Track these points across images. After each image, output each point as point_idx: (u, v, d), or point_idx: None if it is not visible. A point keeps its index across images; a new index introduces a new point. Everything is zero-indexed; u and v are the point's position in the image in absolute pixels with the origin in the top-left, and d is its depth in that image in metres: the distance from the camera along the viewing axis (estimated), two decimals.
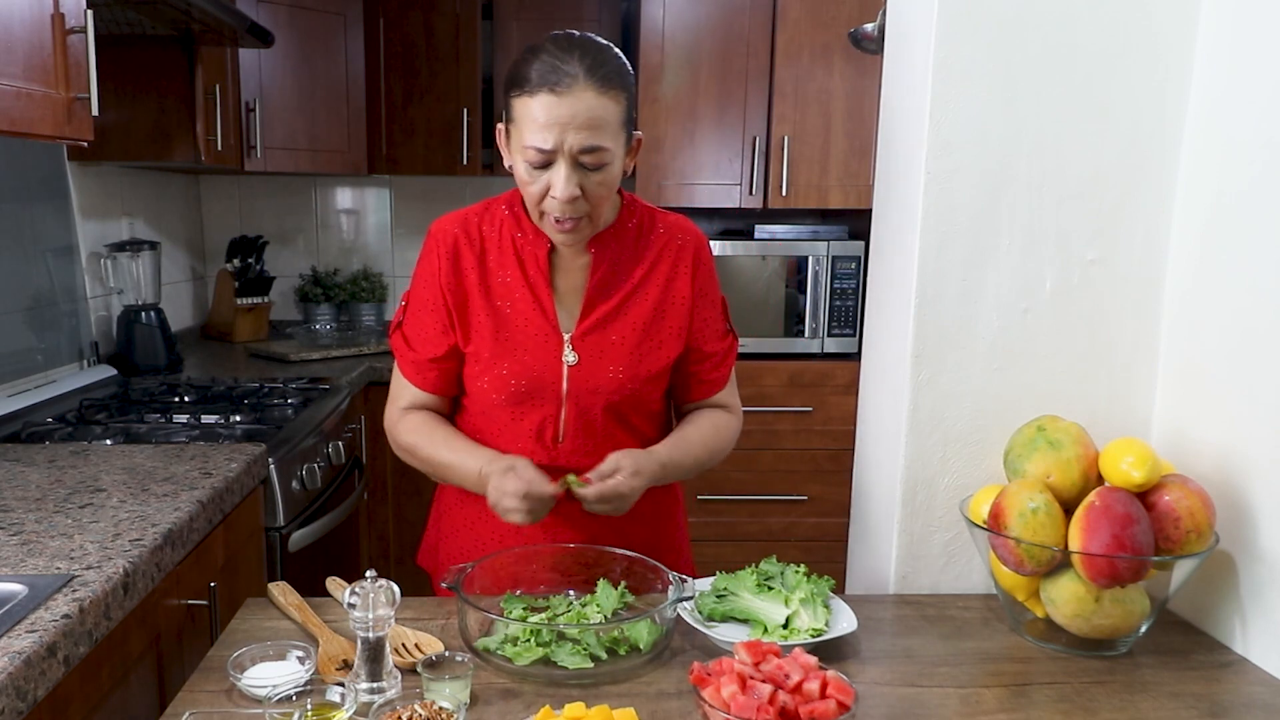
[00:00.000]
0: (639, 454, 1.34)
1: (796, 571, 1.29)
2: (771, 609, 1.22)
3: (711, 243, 1.95)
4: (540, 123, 1.22)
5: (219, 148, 2.65)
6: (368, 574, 1.05)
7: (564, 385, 1.38)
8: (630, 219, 1.42)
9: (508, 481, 1.27)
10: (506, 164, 1.34)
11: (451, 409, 1.49)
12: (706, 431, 1.47)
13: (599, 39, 1.30)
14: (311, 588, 1.35)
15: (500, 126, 1.33)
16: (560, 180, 1.24)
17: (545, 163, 1.24)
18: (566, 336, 1.38)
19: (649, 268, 1.41)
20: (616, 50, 1.30)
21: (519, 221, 1.39)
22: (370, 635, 1.03)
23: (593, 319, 1.38)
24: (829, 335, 3.20)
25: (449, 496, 1.52)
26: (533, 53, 1.26)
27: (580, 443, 1.39)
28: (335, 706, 0.97)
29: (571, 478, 1.30)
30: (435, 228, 1.41)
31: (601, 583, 1.26)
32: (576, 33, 1.30)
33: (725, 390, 1.51)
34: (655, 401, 1.46)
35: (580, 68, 1.22)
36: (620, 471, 1.30)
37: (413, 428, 1.43)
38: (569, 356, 1.37)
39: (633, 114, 1.31)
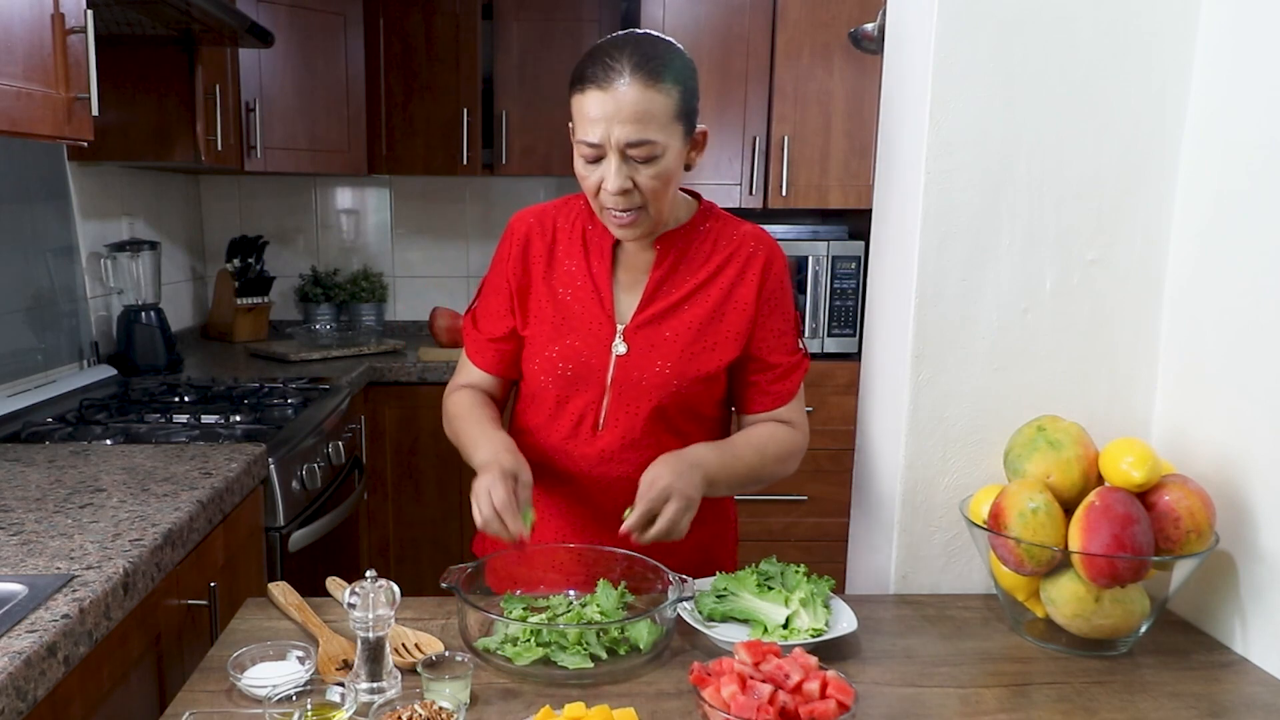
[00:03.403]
0: (670, 458, 1.29)
1: (796, 571, 1.29)
2: (771, 609, 1.22)
3: None
4: (589, 118, 1.27)
5: (219, 148, 2.65)
6: (368, 574, 1.05)
7: (609, 374, 1.38)
8: (704, 222, 1.43)
9: (500, 486, 1.23)
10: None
11: (510, 395, 1.53)
12: (758, 437, 1.42)
13: (660, 35, 1.33)
14: (311, 588, 1.35)
15: (571, 125, 1.36)
16: (610, 173, 1.27)
17: (596, 157, 1.28)
18: (620, 327, 1.39)
19: (715, 270, 1.41)
20: (677, 47, 1.33)
21: (592, 214, 1.41)
22: (370, 635, 1.03)
23: (649, 313, 1.39)
24: (829, 335, 3.20)
25: None
26: (591, 52, 1.30)
27: (619, 436, 1.38)
28: (335, 706, 0.97)
29: (628, 512, 1.25)
30: (514, 219, 1.47)
31: (601, 583, 1.26)
32: (639, 30, 1.34)
33: (788, 407, 1.45)
34: (707, 407, 1.43)
35: (628, 64, 1.25)
36: (655, 484, 1.24)
37: (458, 400, 1.47)
38: (619, 347, 1.38)
39: (692, 106, 1.33)
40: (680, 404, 1.39)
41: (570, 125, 1.35)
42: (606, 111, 1.25)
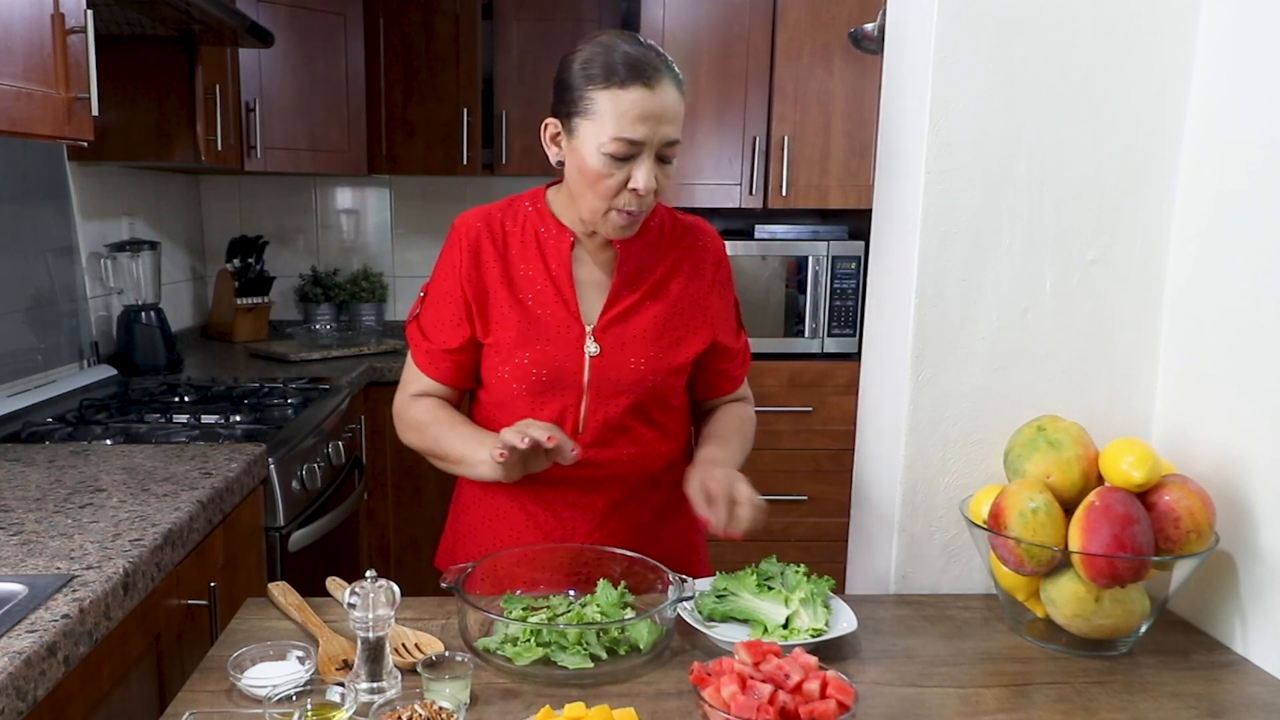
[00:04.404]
0: (702, 466, 1.36)
1: (796, 571, 1.29)
2: (771, 609, 1.22)
3: None
4: (633, 115, 1.24)
5: (219, 148, 2.65)
6: (368, 574, 1.05)
7: (585, 376, 1.38)
8: (653, 218, 1.44)
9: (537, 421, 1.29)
10: (554, 160, 1.34)
11: (463, 403, 1.50)
12: (733, 420, 1.52)
13: None
14: (311, 588, 1.35)
15: (553, 121, 1.33)
16: (644, 173, 1.27)
17: (629, 155, 1.26)
18: (589, 328, 1.39)
19: (672, 265, 1.43)
20: None
21: (542, 217, 1.41)
22: (370, 635, 1.03)
23: (615, 311, 1.40)
24: (829, 335, 3.20)
25: (466, 496, 1.52)
26: (607, 48, 1.26)
27: (600, 434, 1.40)
28: (335, 706, 0.97)
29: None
30: (458, 222, 1.43)
31: (601, 583, 1.26)
32: (629, 33, 1.34)
33: (741, 387, 1.58)
34: (676, 396, 1.47)
35: (661, 64, 1.27)
36: (734, 487, 1.30)
37: (424, 408, 1.44)
38: (591, 347, 1.38)
39: None
40: (655, 397, 1.42)
41: (555, 121, 1.32)
42: (653, 109, 1.25)
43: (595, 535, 1.42)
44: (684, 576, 1.23)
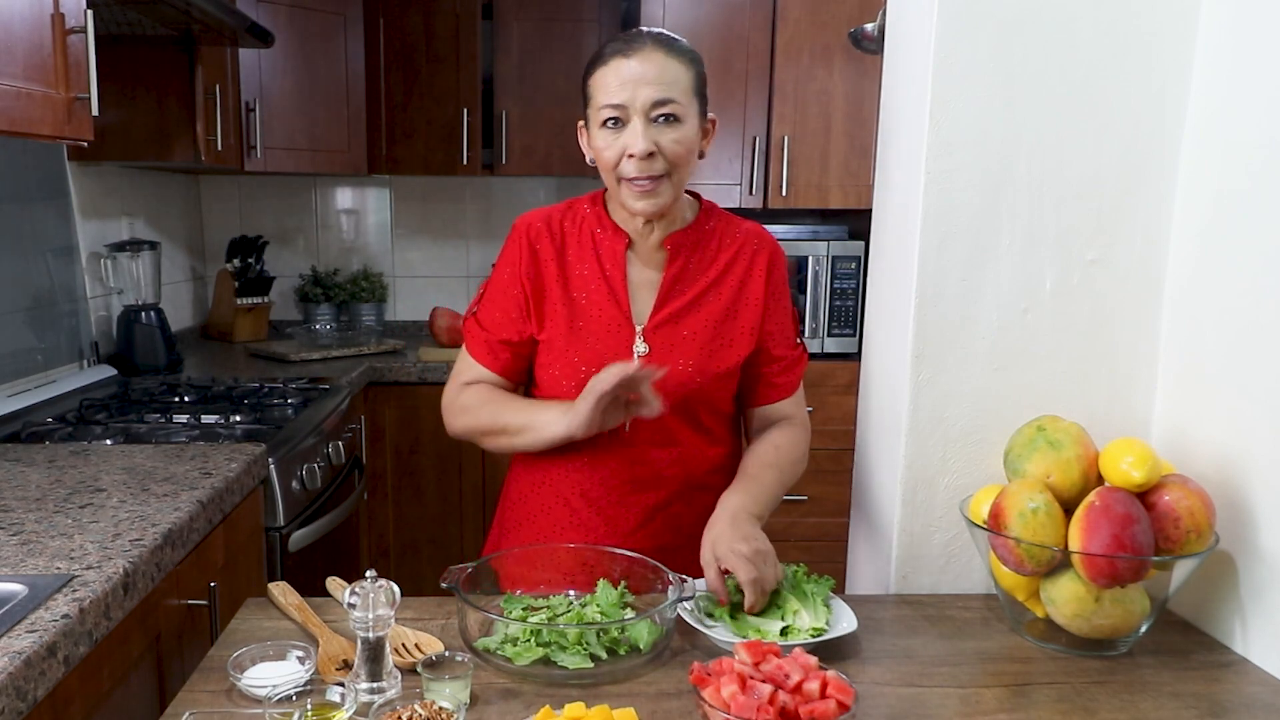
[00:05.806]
0: (719, 523, 1.30)
1: (796, 571, 1.29)
2: (767, 623, 1.22)
3: None
4: (613, 83, 1.30)
5: (219, 148, 2.65)
6: (368, 574, 1.05)
7: None
8: (708, 222, 1.45)
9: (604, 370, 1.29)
10: (589, 160, 1.40)
11: None
12: (767, 455, 1.45)
13: None
14: (311, 588, 1.35)
15: (580, 124, 1.40)
16: (632, 135, 1.30)
17: (619, 120, 1.30)
18: (639, 328, 1.40)
19: (724, 268, 1.44)
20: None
21: (600, 218, 1.43)
22: (370, 635, 1.03)
23: (666, 312, 1.41)
24: (829, 335, 3.20)
25: (514, 491, 1.52)
26: (604, 42, 1.37)
27: (648, 435, 1.40)
28: (335, 706, 0.97)
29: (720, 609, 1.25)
30: (519, 221, 1.46)
31: (601, 583, 1.26)
32: None
33: (792, 400, 1.51)
34: (724, 401, 1.47)
35: (648, 37, 1.33)
36: (736, 559, 1.24)
37: (475, 391, 1.45)
38: (640, 347, 1.39)
39: (705, 90, 1.37)
40: (702, 400, 1.42)
41: (583, 118, 1.39)
42: (632, 74, 1.29)
43: (639, 535, 1.42)
44: (684, 576, 1.23)
